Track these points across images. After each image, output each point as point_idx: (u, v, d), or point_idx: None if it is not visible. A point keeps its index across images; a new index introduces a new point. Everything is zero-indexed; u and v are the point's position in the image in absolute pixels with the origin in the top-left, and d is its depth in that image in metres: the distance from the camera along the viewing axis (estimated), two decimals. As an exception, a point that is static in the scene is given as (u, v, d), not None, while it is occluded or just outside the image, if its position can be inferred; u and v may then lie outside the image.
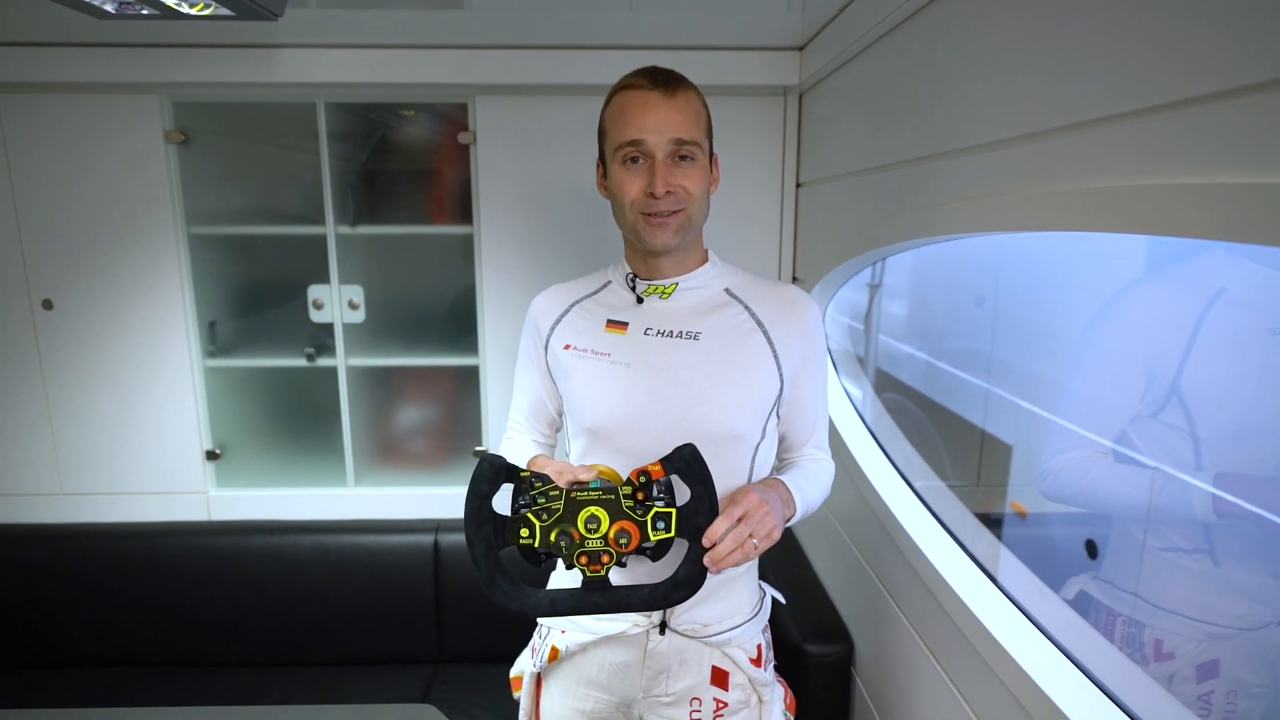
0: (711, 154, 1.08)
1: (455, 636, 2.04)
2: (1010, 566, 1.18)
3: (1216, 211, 0.60)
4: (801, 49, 1.78)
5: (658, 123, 0.99)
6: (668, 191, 1.00)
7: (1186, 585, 1.14)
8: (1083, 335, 1.24)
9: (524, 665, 1.22)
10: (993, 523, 1.58)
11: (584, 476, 0.95)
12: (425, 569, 2.01)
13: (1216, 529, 1.09)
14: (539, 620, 1.21)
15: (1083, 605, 1.23)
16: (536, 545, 0.94)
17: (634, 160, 1.02)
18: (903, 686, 1.32)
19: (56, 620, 2.02)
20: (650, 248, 1.04)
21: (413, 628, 2.03)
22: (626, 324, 1.09)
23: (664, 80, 1.01)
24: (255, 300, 2.13)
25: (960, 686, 1.12)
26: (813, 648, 1.50)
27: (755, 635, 1.17)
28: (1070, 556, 1.42)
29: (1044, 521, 1.54)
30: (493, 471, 0.94)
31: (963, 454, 1.90)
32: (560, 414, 1.20)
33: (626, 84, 1.03)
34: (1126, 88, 0.70)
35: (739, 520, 0.94)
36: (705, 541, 0.93)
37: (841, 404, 1.81)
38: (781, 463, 1.20)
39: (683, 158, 1.01)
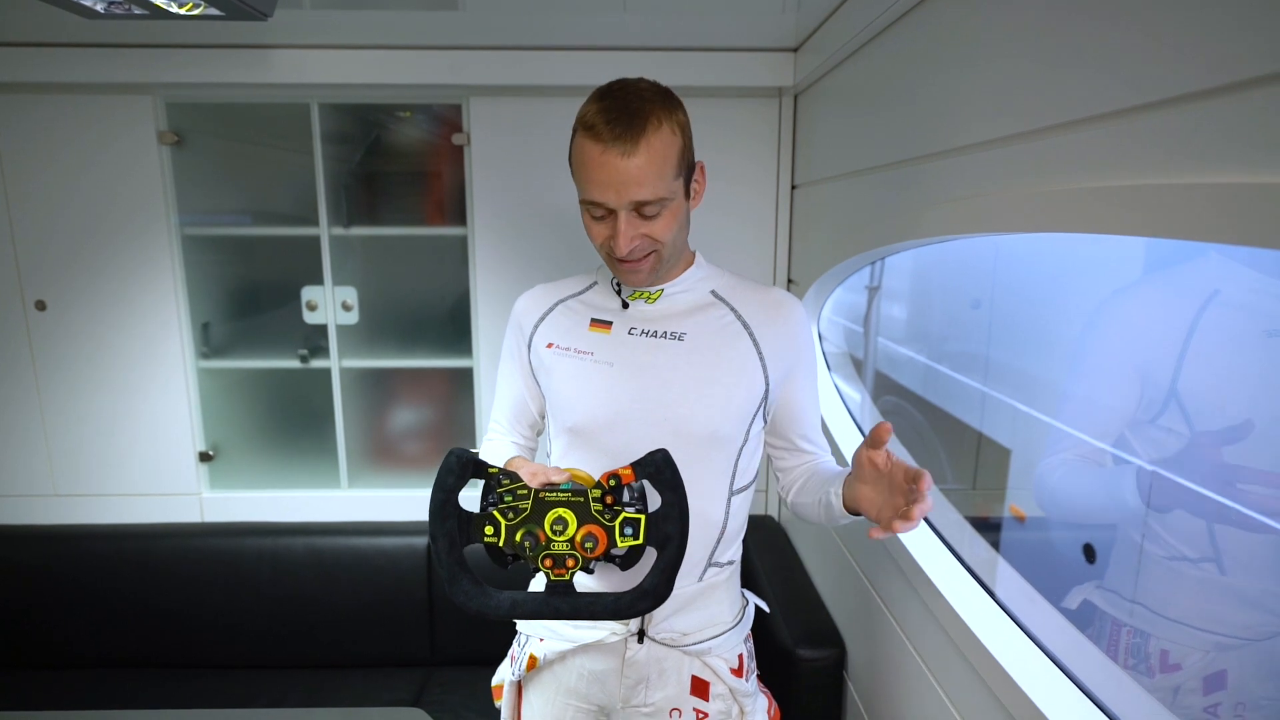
0: (690, 177, 1.01)
1: (448, 639, 2.03)
2: (1001, 572, 1.17)
3: (1218, 212, 0.58)
4: (796, 50, 1.77)
5: (617, 184, 0.92)
6: (634, 245, 0.96)
7: (1193, 594, 1.10)
8: (1077, 340, 1.22)
9: (504, 674, 1.20)
10: (990, 527, 1.57)
11: (556, 478, 0.92)
12: (418, 571, 2.00)
13: (1223, 536, 1.06)
14: (518, 628, 1.19)
15: (1087, 615, 1.20)
16: (501, 545, 0.91)
17: (598, 215, 0.97)
18: (894, 692, 1.31)
19: (49, 622, 2.01)
20: (624, 284, 1.06)
21: (406, 630, 2.02)
22: (610, 323, 1.07)
23: (622, 131, 0.91)
24: (249, 301, 2.13)
25: (949, 693, 1.11)
26: (804, 651, 1.49)
27: (736, 645, 1.15)
28: (1068, 561, 1.41)
29: (1042, 525, 1.53)
30: (460, 466, 0.90)
31: (960, 457, 1.89)
32: (542, 416, 1.18)
33: (588, 123, 0.93)
34: (1123, 85, 0.69)
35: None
36: (923, 485, 0.83)
37: (837, 408, 1.80)
38: (808, 460, 1.14)
39: (647, 216, 0.95)
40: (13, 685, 1.96)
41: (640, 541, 0.90)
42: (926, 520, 1.35)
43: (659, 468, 0.90)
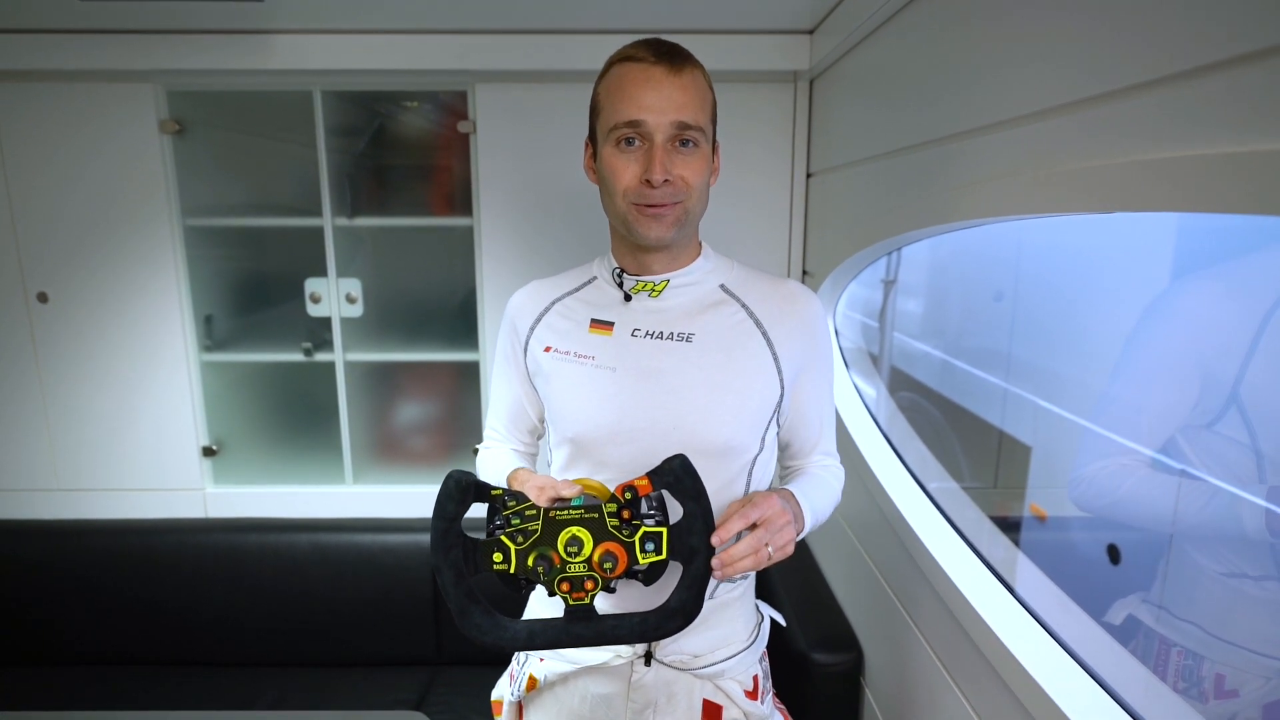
0: (714, 141, 0.98)
1: (454, 638, 2.00)
2: (1027, 574, 1.11)
3: (1263, 184, 0.52)
4: (812, 32, 1.71)
5: (660, 102, 0.88)
6: (666, 180, 0.90)
7: (1253, 615, 1.02)
8: (1130, 334, 1.12)
9: (503, 691, 1.15)
10: (1010, 526, 1.51)
11: (566, 493, 0.86)
12: (424, 569, 1.97)
13: None
14: None
15: (1131, 630, 1.13)
16: (513, 571, 0.84)
17: (629, 142, 0.91)
18: (914, 699, 1.26)
19: (50, 617, 1.99)
20: (643, 241, 0.94)
21: (411, 629, 1.99)
22: (612, 324, 0.99)
23: (669, 54, 0.91)
24: (252, 294, 2.09)
25: (972, 700, 1.06)
26: (820, 656, 1.44)
27: (751, 665, 1.07)
28: (1092, 562, 1.36)
29: (1064, 525, 1.48)
30: (460, 490, 0.84)
31: (980, 455, 1.84)
32: (542, 420, 1.11)
33: (626, 55, 0.92)
34: (1159, 53, 0.63)
35: (755, 525, 0.86)
36: (715, 541, 0.84)
37: (854, 404, 1.74)
38: (786, 470, 1.11)
39: (684, 143, 0.91)
40: (13, 682, 1.94)
41: (664, 557, 0.85)
42: (946, 518, 1.29)
43: (678, 476, 0.84)
